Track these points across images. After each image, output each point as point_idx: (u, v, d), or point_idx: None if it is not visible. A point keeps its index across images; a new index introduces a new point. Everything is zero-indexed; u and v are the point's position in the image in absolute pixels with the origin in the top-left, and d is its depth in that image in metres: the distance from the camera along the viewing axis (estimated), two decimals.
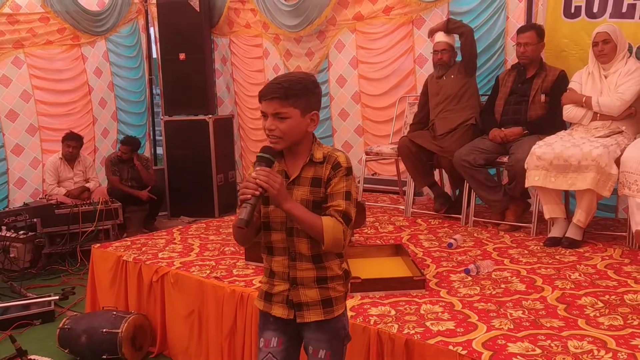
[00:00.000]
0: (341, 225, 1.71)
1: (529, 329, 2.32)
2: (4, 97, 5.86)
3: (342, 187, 1.74)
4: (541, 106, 4.00)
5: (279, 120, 1.72)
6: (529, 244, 3.59)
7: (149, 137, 7.38)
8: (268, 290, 1.85)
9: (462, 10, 4.87)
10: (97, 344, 3.22)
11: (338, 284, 1.83)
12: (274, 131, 1.73)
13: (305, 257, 1.78)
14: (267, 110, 1.73)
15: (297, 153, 1.79)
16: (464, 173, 4.02)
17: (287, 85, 1.71)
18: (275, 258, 1.82)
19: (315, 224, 1.70)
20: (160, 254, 3.60)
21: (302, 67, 5.95)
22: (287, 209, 1.69)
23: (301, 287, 1.79)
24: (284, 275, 1.80)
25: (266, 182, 1.63)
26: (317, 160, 1.77)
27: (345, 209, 1.72)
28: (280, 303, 1.82)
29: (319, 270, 1.79)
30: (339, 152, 1.80)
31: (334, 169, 1.75)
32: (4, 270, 4.92)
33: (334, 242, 1.70)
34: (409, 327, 2.36)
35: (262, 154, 1.70)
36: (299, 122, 1.73)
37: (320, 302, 1.79)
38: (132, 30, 6.91)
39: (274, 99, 1.71)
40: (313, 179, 1.76)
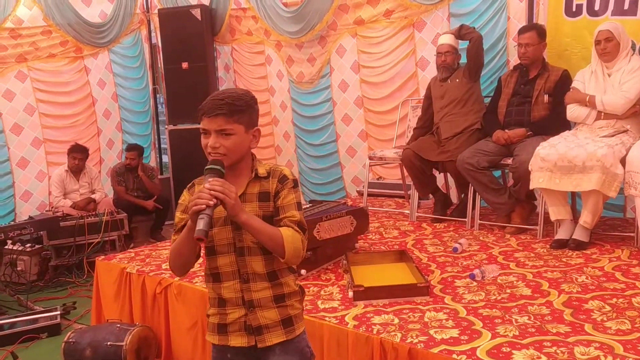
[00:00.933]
0: (299, 235, 1.68)
1: (535, 335, 2.28)
2: (8, 111, 5.91)
3: (292, 199, 1.72)
4: (544, 107, 3.95)
5: (223, 137, 1.67)
6: (536, 247, 3.55)
7: (154, 146, 7.39)
8: (220, 321, 1.75)
9: (463, 11, 4.83)
10: (102, 357, 3.21)
11: (296, 301, 1.78)
12: (218, 149, 1.67)
13: (259, 275, 1.71)
14: (210, 127, 1.68)
15: (239, 171, 1.75)
16: (468, 176, 3.98)
17: (231, 102, 1.67)
18: (224, 284, 1.73)
19: (274, 235, 1.65)
20: (163, 265, 3.58)
21: (304, 73, 5.94)
22: (245, 219, 1.62)
23: (259, 309, 1.72)
24: (237, 300, 1.72)
25: (222, 191, 1.57)
26: (262, 175, 1.74)
27: (300, 218, 1.71)
28: (238, 332, 1.73)
29: (275, 287, 1.73)
30: (283, 167, 1.79)
31: (280, 182, 1.73)
32: (12, 283, 4.95)
33: (294, 252, 1.66)
34: (412, 336, 2.32)
35: (211, 166, 1.65)
36: (243, 139, 1.70)
37: (280, 322, 1.73)
38: (134, 41, 6.94)
39: (219, 115, 1.66)
40: (260, 194, 1.72)
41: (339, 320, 2.53)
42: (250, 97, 1.74)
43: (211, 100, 1.69)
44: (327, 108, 5.89)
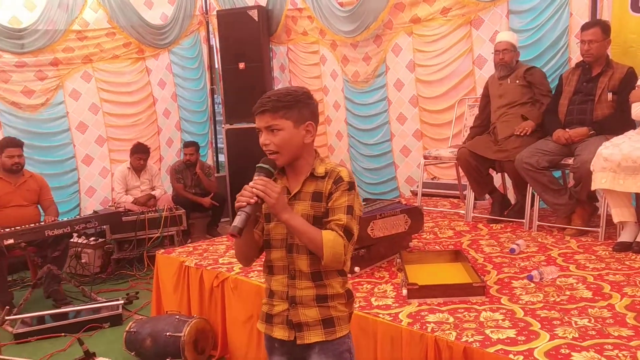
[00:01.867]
0: (342, 240, 1.66)
1: (595, 338, 2.21)
2: (74, 110, 6.15)
3: (343, 202, 1.70)
4: (608, 105, 3.83)
5: (271, 133, 1.71)
6: (597, 249, 3.44)
7: (211, 145, 7.57)
8: (268, 311, 1.80)
9: (522, 8, 4.73)
10: (162, 347, 3.32)
11: (340, 303, 1.77)
12: (268, 146, 1.72)
13: (304, 274, 1.73)
14: (260, 125, 1.73)
15: (298, 168, 1.77)
16: (527, 176, 3.89)
17: (276, 98, 1.71)
18: (274, 277, 1.78)
19: (314, 237, 1.66)
20: (220, 260, 3.67)
21: (359, 72, 5.95)
22: (286, 219, 1.65)
23: (300, 306, 1.74)
24: (282, 294, 1.76)
25: (263, 190, 1.61)
26: (319, 174, 1.74)
27: (346, 223, 1.68)
28: (281, 324, 1.77)
29: (318, 288, 1.74)
30: (342, 167, 1.76)
31: (335, 183, 1.72)
32: (76, 275, 5.17)
33: (334, 257, 1.66)
34: (468, 335, 2.30)
35: (260, 164, 1.68)
36: (292, 134, 1.71)
37: (320, 322, 1.74)
38: (193, 42, 7.12)
39: (265, 112, 1.71)
40: (314, 194, 1.73)
41: (393, 318, 2.53)
42: (301, 93, 1.75)
43: (260, 100, 1.74)
44: (382, 107, 5.88)
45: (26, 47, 5.70)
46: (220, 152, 7.59)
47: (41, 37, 5.78)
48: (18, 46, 5.66)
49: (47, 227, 4.41)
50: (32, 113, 5.86)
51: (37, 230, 4.35)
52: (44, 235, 4.38)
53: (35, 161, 5.67)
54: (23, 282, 5.12)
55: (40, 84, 5.87)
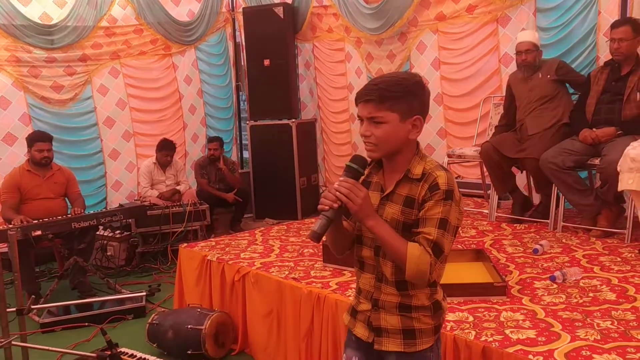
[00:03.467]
0: (428, 257, 1.50)
1: (618, 341, 2.18)
2: (102, 105, 6.25)
3: (437, 213, 1.52)
4: (637, 105, 3.75)
5: (374, 125, 1.56)
6: (623, 251, 3.38)
7: (236, 141, 7.62)
8: (354, 306, 1.74)
9: (550, 6, 4.67)
10: (183, 339, 3.37)
11: (424, 315, 1.63)
12: (369, 137, 1.58)
13: (389, 281, 1.62)
14: (362, 114, 1.58)
15: (396, 165, 1.61)
16: (552, 176, 3.84)
17: (384, 87, 1.54)
18: (364, 274, 1.69)
19: (398, 249, 1.52)
20: (242, 255, 3.70)
21: (383, 70, 5.93)
22: (370, 226, 1.54)
23: (382, 311, 1.64)
24: (368, 294, 1.68)
25: (347, 194, 1.50)
26: (414, 176, 1.58)
27: (436, 238, 1.51)
28: (362, 322, 1.70)
29: (403, 297, 1.62)
30: (442, 172, 1.56)
31: (430, 190, 1.54)
32: (102, 267, 5.26)
33: (417, 274, 1.52)
34: (487, 334, 2.29)
35: (350, 164, 1.56)
36: (397, 128, 1.56)
37: (401, 332, 1.62)
38: (219, 39, 7.18)
39: (369, 102, 1.55)
40: (407, 198, 1.57)
41: None
42: (413, 82, 1.58)
43: (366, 85, 1.59)
44: None
45: (56, 43, 5.81)
46: (245, 149, 7.64)
47: (70, 33, 5.88)
48: (48, 42, 5.76)
49: (74, 219, 4.49)
50: (60, 108, 5.96)
51: (64, 222, 4.44)
52: (71, 227, 4.46)
53: (63, 155, 5.77)
54: (50, 273, 5.24)
55: (69, 79, 5.97)
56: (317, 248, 3.73)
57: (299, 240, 4.08)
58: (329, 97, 6.71)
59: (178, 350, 3.39)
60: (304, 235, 4.22)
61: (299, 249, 3.80)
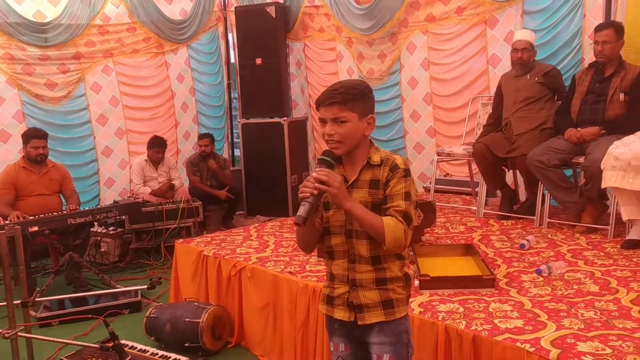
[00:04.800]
0: (402, 225, 1.73)
1: (600, 330, 2.30)
2: (95, 102, 6.29)
3: (400, 188, 1.78)
4: (620, 105, 3.88)
5: (338, 124, 1.78)
6: (606, 246, 3.51)
7: (227, 139, 7.69)
8: (329, 293, 1.90)
9: (537, 8, 4.80)
10: (180, 332, 3.44)
11: (398, 286, 1.85)
12: (333, 136, 1.79)
13: (364, 258, 1.82)
14: (327, 116, 1.80)
15: (355, 158, 1.84)
16: (538, 174, 3.97)
17: (344, 91, 1.78)
18: (335, 261, 1.87)
19: (375, 223, 1.73)
20: (238, 250, 3.79)
21: (374, 70, 6.04)
22: (348, 207, 1.73)
23: (360, 288, 1.83)
24: (343, 277, 1.85)
25: (326, 181, 1.69)
26: (375, 163, 1.82)
27: (405, 209, 1.75)
28: (341, 306, 1.86)
29: (377, 271, 1.82)
30: (397, 155, 1.84)
31: (391, 171, 1.79)
32: (95, 263, 5.31)
33: (395, 242, 1.73)
34: (477, 324, 2.39)
35: (322, 157, 1.78)
36: (357, 126, 1.79)
37: (380, 303, 1.82)
38: (212, 38, 7.24)
39: (333, 104, 1.78)
40: (371, 181, 1.81)
41: None
42: (365, 87, 1.84)
43: (327, 91, 1.81)
44: (395, 104, 5.97)
45: (50, 41, 5.85)
46: (236, 147, 7.71)
47: (64, 31, 5.92)
48: (42, 40, 5.80)
49: (70, 215, 4.55)
50: (54, 105, 6.01)
51: (60, 218, 4.50)
52: (66, 223, 4.52)
53: (56, 152, 5.80)
54: (44, 269, 5.28)
55: (63, 77, 6.01)
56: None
57: (293, 236, 4.16)
58: None
59: (175, 343, 3.45)
60: None
61: (294, 245, 3.89)
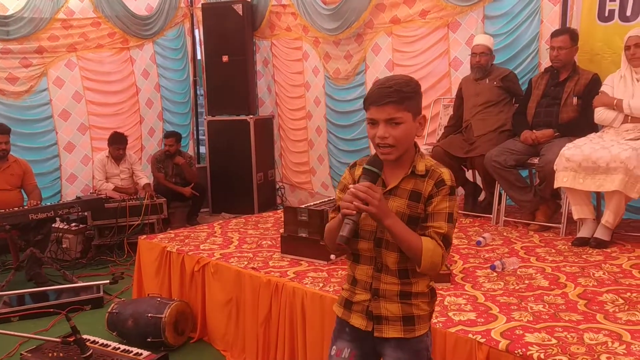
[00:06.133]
0: (441, 250, 1.62)
1: (548, 322, 2.42)
2: (58, 97, 6.20)
3: (444, 208, 1.64)
4: (573, 109, 4.04)
5: (392, 126, 1.62)
6: (557, 244, 3.67)
7: (193, 136, 7.67)
8: (349, 297, 1.79)
9: (497, 13, 4.94)
10: (143, 327, 3.45)
11: (423, 302, 1.74)
12: (386, 139, 1.62)
13: (390, 270, 1.71)
14: (379, 117, 1.62)
15: (399, 162, 1.68)
16: (495, 174, 4.11)
17: (399, 88, 1.61)
18: (360, 266, 1.75)
19: (414, 245, 1.61)
20: (201, 246, 3.81)
21: (340, 70, 6.11)
22: (388, 225, 1.60)
23: (382, 299, 1.71)
24: (366, 285, 1.74)
25: (364, 198, 1.55)
26: (420, 172, 1.67)
27: (447, 231, 1.63)
28: (360, 313, 1.75)
29: (403, 285, 1.71)
30: (444, 169, 1.68)
31: (437, 186, 1.65)
32: (57, 259, 5.25)
33: (431, 266, 1.62)
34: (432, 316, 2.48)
35: (369, 167, 1.62)
36: (411, 127, 1.64)
37: (401, 319, 1.71)
38: (178, 34, 7.21)
39: (389, 104, 1.61)
40: (412, 192, 1.67)
41: None
42: (416, 83, 1.68)
43: (379, 89, 1.63)
44: (360, 104, 6.02)
45: (12, 34, 5.74)
46: (202, 144, 7.69)
47: (27, 25, 5.82)
48: (4, 33, 5.70)
49: (32, 210, 4.51)
50: (15, 100, 5.90)
51: (21, 213, 4.45)
52: (28, 218, 4.47)
53: (17, 147, 5.67)
54: (4, 264, 5.20)
55: (25, 71, 5.92)
56: (275, 240, 3.88)
57: (257, 232, 4.21)
58: (286, 95, 6.84)
59: (138, 338, 3.45)
60: (262, 227, 4.36)
61: (258, 241, 3.94)
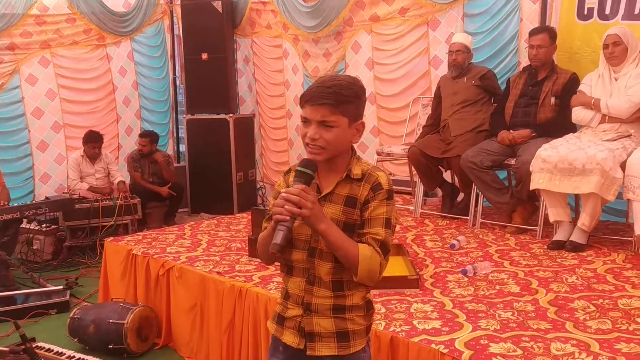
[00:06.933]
0: (378, 257, 1.52)
1: (515, 330, 2.33)
2: (30, 95, 6.06)
3: (382, 213, 1.54)
4: (551, 109, 3.96)
5: (324, 128, 1.53)
6: (533, 247, 3.58)
7: (173, 135, 7.54)
8: (281, 312, 1.67)
9: (476, 12, 4.85)
10: (104, 334, 3.34)
11: (358, 315, 1.62)
12: (317, 141, 1.53)
13: (323, 282, 1.59)
14: (313, 117, 1.54)
15: (334, 166, 1.60)
16: (471, 174, 4.01)
17: (338, 90, 1.52)
18: (292, 279, 1.64)
19: (350, 252, 1.51)
20: (168, 249, 3.71)
21: (319, 68, 6.01)
22: (322, 230, 1.50)
23: (315, 314, 1.60)
24: (298, 299, 1.62)
25: (297, 202, 1.46)
26: (355, 176, 1.58)
27: (384, 238, 1.54)
28: (292, 329, 1.63)
29: (337, 298, 1.59)
30: (381, 172, 1.59)
31: (373, 190, 1.56)
32: (27, 261, 5.12)
33: (369, 274, 1.52)
34: (396, 325, 2.39)
35: (302, 169, 1.52)
36: (346, 133, 1.55)
37: (335, 334, 1.59)
38: (157, 31, 7.08)
39: (324, 105, 1.52)
40: (348, 198, 1.57)
41: None
42: (359, 87, 1.58)
43: (317, 87, 1.54)
44: None
45: None
46: (181, 142, 7.57)
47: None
48: None
49: None
50: None
51: None
52: None
53: None
54: None
55: None
56: (244, 242, 3.76)
57: (227, 234, 4.10)
58: (267, 93, 6.73)
59: (99, 345, 3.36)
60: (234, 229, 4.25)
61: (227, 244, 3.83)
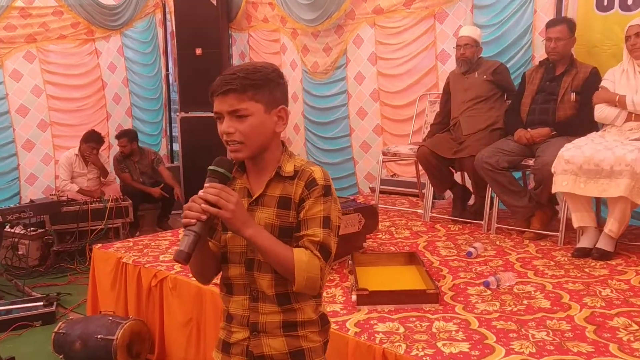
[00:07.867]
0: (318, 261, 1.36)
1: (554, 354, 2.08)
2: (15, 91, 5.82)
3: (318, 212, 1.39)
4: (571, 106, 3.72)
5: (237, 119, 1.38)
6: (556, 255, 3.33)
7: (166, 133, 7.29)
8: (225, 338, 1.49)
9: (486, 3, 4.62)
10: (92, 351, 3.10)
11: (312, 332, 1.46)
12: (232, 135, 1.38)
13: (268, 297, 1.42)
14: (222, 109, 1.39)
15: (263, 164, 1.45)
16: (486, 176, 3.77)
17: (244, 75, 1.38)
18: (234, 298, 1.46)
19: (284, 258, 1.35)
20: (161, 257, 3.45)
21: (319, 63, 5.77)
22: (249, 236, 1.34)
23: (263, 335, 1.43)
24: (243, 319, 1.45)
25: (216, 202, 1.30)
26: (287, 174, 1.43)
27: (322, 239, 1.38)
28: (239, 356, 1.46)
29: (286, 313, 1.43)
30: (316, 167, 1.44)
31: (307, 188, 1.40)
32: (12, 267, 4.86)
33: (307, 282, 1.36)
34: (418, 348, 2.13)
35: (214, 167, 1.35)
36: (263, 121, 1.40)
37: (288, 355, 1.43)
38: (148, 25, 6.83)
39: (229, 92, 1.38)
40: (281, 199, 1.42)
41: (339, 326, 2.34)
42: (271, 70, 1.43)
43: (221, 76, 1.40)
44: (341, 100, 5.71)
45: None
46: (175, 141, 7.31)
47: None
48: None
49: None
50: None
51: None
52: None
53: None
54: None
55: None
56: None
57: None
58: None
59: None
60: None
61: None
